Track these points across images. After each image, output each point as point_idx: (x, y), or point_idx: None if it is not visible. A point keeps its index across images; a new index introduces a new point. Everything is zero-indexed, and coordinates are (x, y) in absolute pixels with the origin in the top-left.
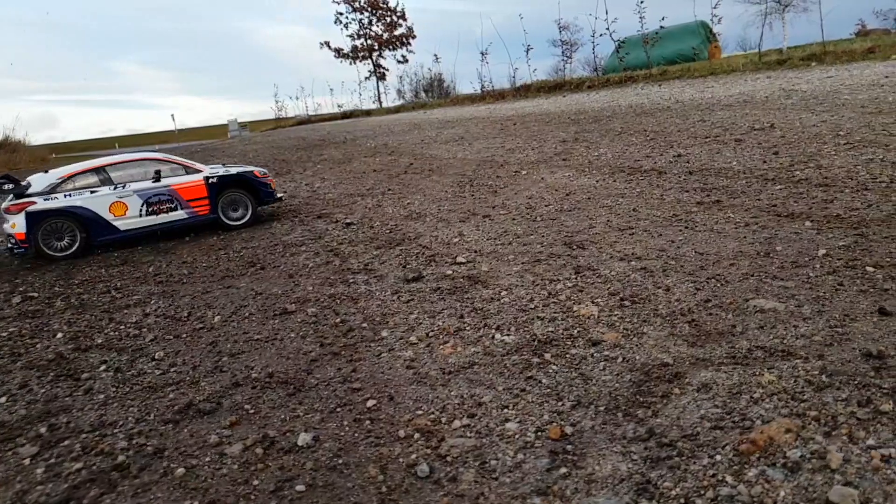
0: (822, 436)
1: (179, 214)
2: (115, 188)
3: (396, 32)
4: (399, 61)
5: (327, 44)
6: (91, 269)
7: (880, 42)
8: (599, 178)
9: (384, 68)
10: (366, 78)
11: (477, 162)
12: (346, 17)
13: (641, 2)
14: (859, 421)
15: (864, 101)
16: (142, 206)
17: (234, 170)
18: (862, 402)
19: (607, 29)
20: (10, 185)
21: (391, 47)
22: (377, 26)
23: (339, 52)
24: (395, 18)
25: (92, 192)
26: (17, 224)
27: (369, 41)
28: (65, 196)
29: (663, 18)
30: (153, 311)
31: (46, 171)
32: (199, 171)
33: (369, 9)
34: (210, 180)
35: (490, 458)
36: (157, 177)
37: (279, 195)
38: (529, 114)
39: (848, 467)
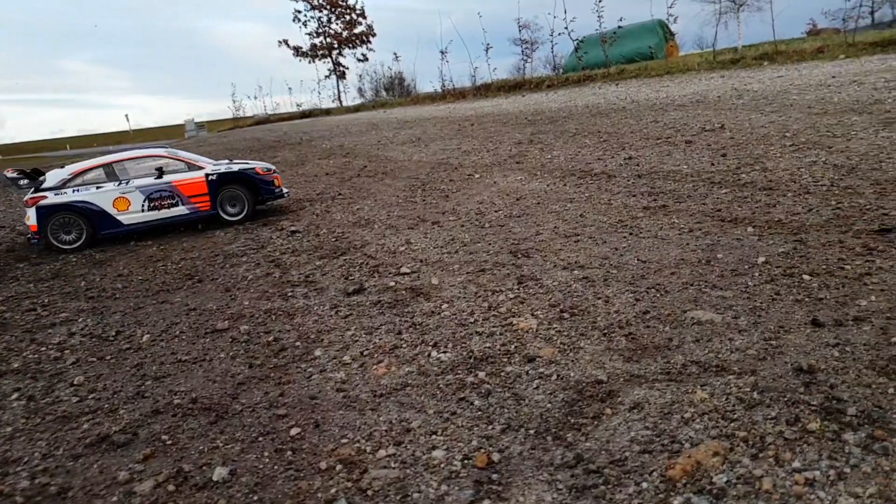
0: (750, 458)
1: (181, 210)
2: (118, 184)
3: (356, 30)
4: (359, 59)
5: (286, 42)
6: (19, 284)
7: (829, 42)
8: (550, 182)
9: (344, 67)
10: (325, 76)
11: (432, 165)
12: (305, 15)
13: (600, 1)
14: (786, 441)
15: (811, 102)
16: (143, 201)
17: (235, 167)
18: (790, 420)
19: (566, 28)
20: (26, 181)
21: (351, 45)
22: (336, 24)
23: (297, 51)
24: (354, 16)
25: (98, 187)
26: (30, 217)
27: (328, 39)
28: (73, 191)
29: (621, 18)
30: (79, 331)
31: (63, 167)
32: (201, 168)
33: (328, 6)
34: (210, 177)
35: (413, 491)
36: (160, 173)
37: (285, 192)
38: (488, 114)
39: (772, 493)
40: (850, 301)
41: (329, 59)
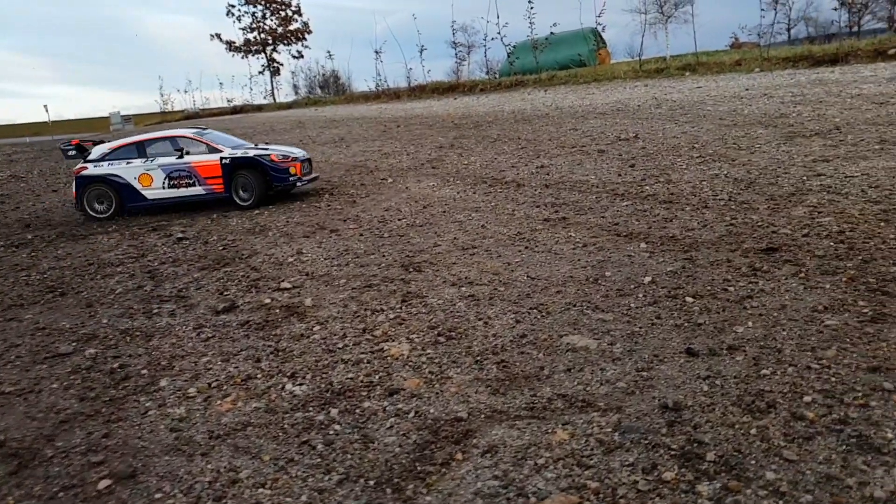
0: None
1: (197, 190)
2: (144, 161)
3: (291, 27)
4: (294, 56)
5: (218, 36)
6: None
7: (747, 55)
8: (461, 189)
9: (278, 63)
10: (259, 72)
11: (347, 167)
12: (239, 10)
13: (531, 8)
14: (638, 494)
15: (724, 114)
16: (164, 179)
17: (251, 152)
18: (647, 468)
19: (499, 33)
20: (74, 152)
21: (286, 42)
22: (271, 20)
23: (230, 45)
24: (289, 13)
25: (128, 163)
26: (74, 185)
27: (263, 35)
28: (108, 164)
29: (554, 24)
30: None
31: (106, 142)
32: (220, 151)
33: (263, 2)
34: (224, 160)
35: None
36: (181, 153)
37: (305, 180)
38: (417, 115)
39: None
40: (728, 327)
41: (263, 55)
